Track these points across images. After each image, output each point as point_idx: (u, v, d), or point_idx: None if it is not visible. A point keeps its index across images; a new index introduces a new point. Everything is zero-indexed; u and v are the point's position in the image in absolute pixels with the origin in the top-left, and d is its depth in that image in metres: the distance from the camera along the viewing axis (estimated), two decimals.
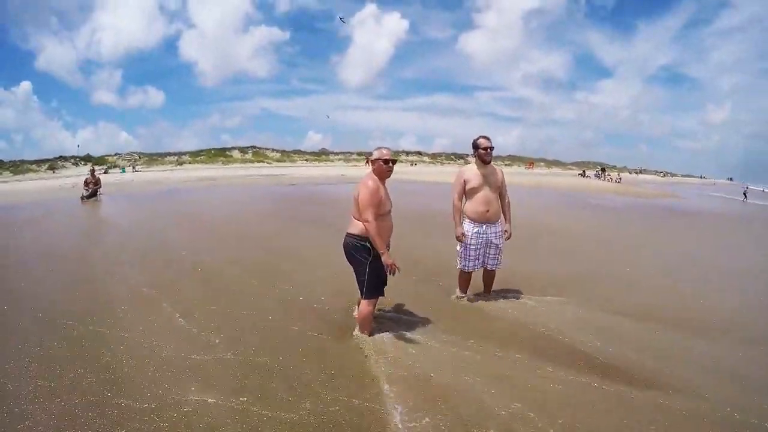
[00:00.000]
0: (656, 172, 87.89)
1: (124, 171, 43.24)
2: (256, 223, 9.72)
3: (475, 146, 4.31)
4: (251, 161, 60.99)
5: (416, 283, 5.00)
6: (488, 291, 4.69)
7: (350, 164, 58.26)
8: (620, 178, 43.72)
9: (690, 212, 16.97)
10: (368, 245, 3.39)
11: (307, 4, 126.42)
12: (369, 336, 3.56)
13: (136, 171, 43.96)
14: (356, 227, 3.43)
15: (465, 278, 4.53)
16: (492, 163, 4.38)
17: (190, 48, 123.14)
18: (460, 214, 4.39)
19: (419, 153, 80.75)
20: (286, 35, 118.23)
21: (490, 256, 4.44)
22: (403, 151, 78.76)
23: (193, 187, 21.66)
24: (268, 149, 69.25)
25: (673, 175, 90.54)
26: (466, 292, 4.59)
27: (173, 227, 9.19)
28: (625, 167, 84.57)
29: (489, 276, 4.62)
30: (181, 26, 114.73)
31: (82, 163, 50.26)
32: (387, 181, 3.59)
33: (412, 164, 61.17)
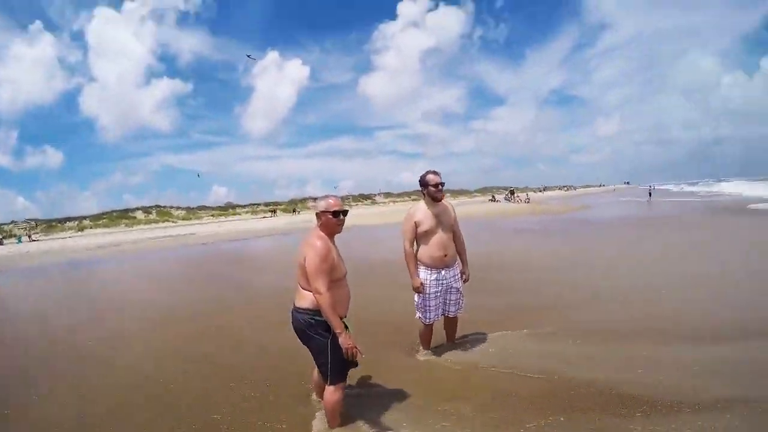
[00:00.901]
0: (558, 188, 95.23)
1: (20, 241, 38.78)
2: (174, 298, 8.23)
3: (424, 183, 3.92)
4: (156, 221, 57.65)
5: (377, 346, 4.42)
6: (452, 339, 4.37)
7: (258, 216, 56.75)
8: (528, 198, 46.18)
9: (608, 221, 18.28)
10: (324, 319, 2.81)
11: (209, 55, 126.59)
12: (340, 428, 2.97)
13: (33, 240, 39.88)
14: (306, 300, 2.84)
15: (427, 331, 4.15)
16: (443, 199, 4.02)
17: (90, 103, 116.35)
18: (414, 261, 3.98)
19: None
20: (189, 87, 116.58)
21: (451, 302, 4.10)
22: (310, 197, 79.28)
23: (97, 256, 19.41)
24: (172, 207, 66.29)
25: (574, 188, 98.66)
26: (430, 347, 4.23)
27: (78, 312, 7.52)
28: (527, 187, 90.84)
29: (451, 323, 4.29)
30: (82, 80, 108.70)
31: None
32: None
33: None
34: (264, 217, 52.34)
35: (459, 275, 4.10)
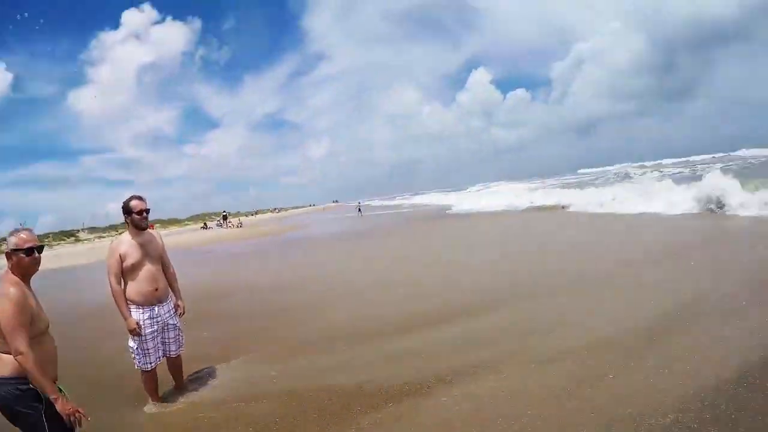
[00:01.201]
0: (270, 210, 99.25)
1: None
2: None
3: (127, 210, 3.56)
4: None
5: (98, 406, 3.40)
6: (180, 382, 3.95)
7: None
8: (241, 223, 46.17)
9: (322, 237, 19.90)
10: (33, 387, 2.26)
11: None
12: None
13: None
14: (6, 365, 2.26)
15: (151, 378, 3.66)
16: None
17: None
18: (124, 300, 3.53)
19: None
20: None
21: (171, 340, 3.76)
22: (1, 238, 60.80)
23: None
24: None
25: (285, 209, 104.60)
26: (158, 395, 3.72)
27: None
28: (238, 212, 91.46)
29: (175, 364, 3.89)
30: None
31: None
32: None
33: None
34: None
35: (174, 310, 3.81)
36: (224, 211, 51.14)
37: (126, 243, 3.57)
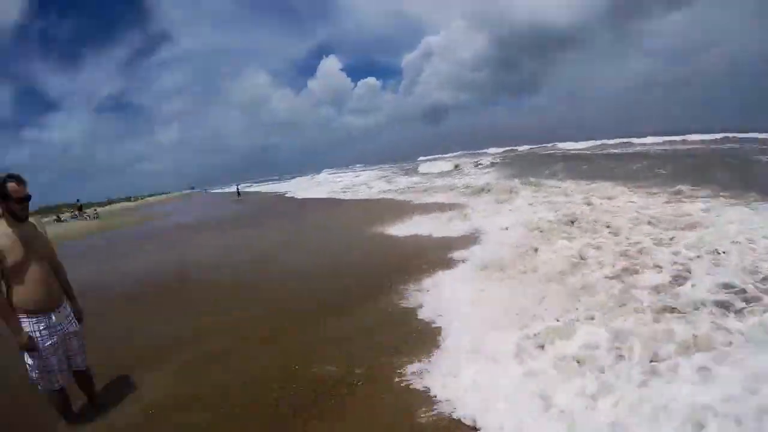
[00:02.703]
0: (126, 199, 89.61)
1: None
2: None
3: (4, 195, 2.86)
4: None
5: None
6: (95, 397, 3.52)
7: None
8: (97, 213, 41.55)
9: (207, 224, 18.28)
10: None
11: None
12: None
13: None
14: None
15: (61, 398, 3.21)
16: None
17: None
18: (10, 310, 2.92)
19: None
20: None
21: (75, 351, 3.25)
22: None
23: None
24: None
25: (142, 197, 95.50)
26: (71, 415, 3.31)
27: None
28: (89, 202, 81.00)
29: (85, 378, 3.42)
30: None
31: None
32: None
33: None
34: None
35: (72, 315, 3.28)
36: (78, 201, 44.69)
37: (4, 236, 2.89)
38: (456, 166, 29.11)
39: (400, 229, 9.46)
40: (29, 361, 3.05)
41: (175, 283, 7.42)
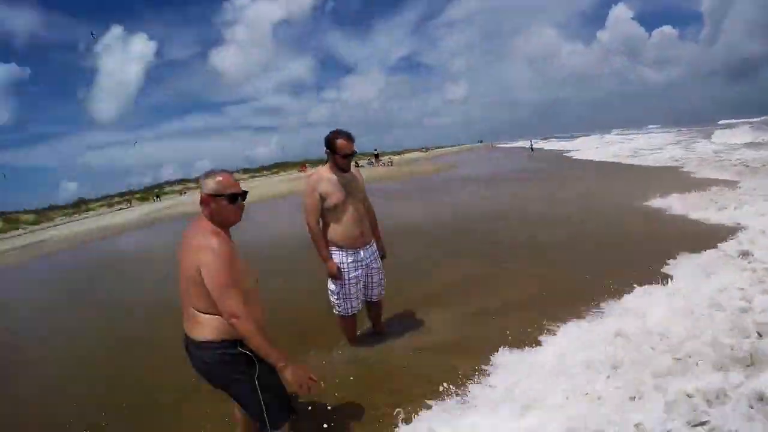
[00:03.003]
0: (419, 149, 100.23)
1: None
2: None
3: (333, 148, 3.17)
4: (2, 231, 48.44)
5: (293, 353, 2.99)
6: (381, 326, 3.78)
7: (114, 209, 50.68)
8: (391, 161, 46.72)
9: (489, 176, 18.79)
10: (244, 351, 2.01)
11: (44, 35, 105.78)
12: None
13: None
14: (208, 328, 2.03)
15: (350, 323, 3.52)
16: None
17: None
18: (324, 241, 3.30)
19: (183, 180, 77.61)
20: (26, 72, 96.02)
21: (374, 284, 3.52)
22: (166, 182, 76.90)
23: None
24: (19, 213, 56.14)
25: (432, 149, 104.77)
26: (356, 340, 3.63)
27: None
28: (383, 151, 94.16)
29: (375, 308, 3.68)
30: None
31: None
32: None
33: (181, 194, 56.97)
34: (120, 209, 46.44)
35: (377, 253, 3.55)
36: (375, 150, 51.51)
37: (326, 181, 3.24)
38: None
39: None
40: (332, 287, 3.38)
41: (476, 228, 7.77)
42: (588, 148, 35.31)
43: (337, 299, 3.40)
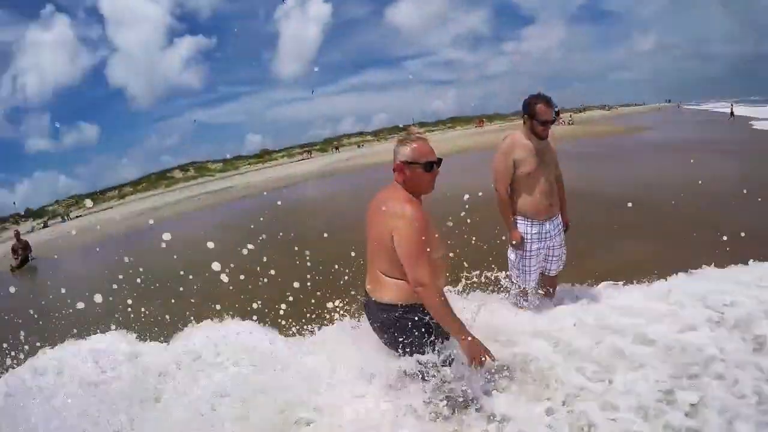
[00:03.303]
0: (598, 107, 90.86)
1: (65, 220, 37.69)
2: None
3: (531, 113, 3.05)
4: (194, 177, 59.06)
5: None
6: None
7: (294, 159, 56.97)
8: (572, 120, 43.81)
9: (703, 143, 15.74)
10: (425, 317, 2.04)
11: (228, 8, 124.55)
12: None
13: (71, 218, 37.65)
14: (391, 291, 2.09)
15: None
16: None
17: (117, 73, 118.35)
18: (511, 210, 3.21)
19: (361, 133, 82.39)
20: (212, 41, 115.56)
21: (554, 259, 3.36)
22: (345, 135, 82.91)
23: (137, 227, 16.37)
24: (208, 162, 67.69)
25: (616, 107, 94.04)
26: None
27: None
28: (563, 108, 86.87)
29: (551, 281, 3.49)
30: (105, 53, 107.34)
31: (23, 220, 47.39)
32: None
33: (358, 146, 61.03)
34: (301, 160, 52.20)
35: (561, 225, 3.36)
36: (556, 107, 48.77)
37: (522, 147, 3.11)
38: None
39: None
40: (512, 256, 3.32)
41: None
42: None
43: (516, 271, 3.33)
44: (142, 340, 3.99)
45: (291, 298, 3.12)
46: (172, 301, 4.14)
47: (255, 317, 3.73)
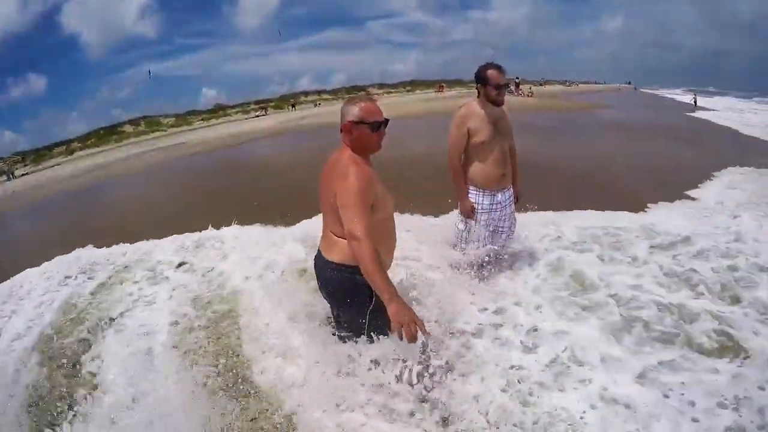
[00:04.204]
0: (559, 82, 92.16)
1: (10, 178, 33.01)
2: None
3: (482, 79, 3.13)
4: (145, 132, 55.82)
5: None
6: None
7: (249, 116, 54.57)
8: (532, 92, 43.76)
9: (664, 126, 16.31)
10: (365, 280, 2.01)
11: None
12: None
13: (15, 177, 33.77)
14: (340, 252, 2.13)
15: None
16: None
17: (71, 20, 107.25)
18: (463, 179, 3.25)
19: (319, 92, 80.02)
20: None
21: (503, 229, 3.43)
22: (303, 92, 79.06)
23: (85, 185, 16.06)
24: (160, 116, 64.34)
25: (577, 84, 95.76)
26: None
27: None
28: (523, 79, 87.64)
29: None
30: None
31: None
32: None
33: (315, 105, 59.40)
34: (256, 116, 50.27)
35: (512, 197, 3.44)
36: (516, 78, 48.65)
37: (477, 116, 3.20)
38: None
39: None
40: (461, 226, 3.38)
41: None
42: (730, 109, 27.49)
43: (461, 241, 3.41)
44: None
45: None
46: None
47: None
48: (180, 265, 4.54)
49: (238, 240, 4.96)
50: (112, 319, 3.58)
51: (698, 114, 21.50)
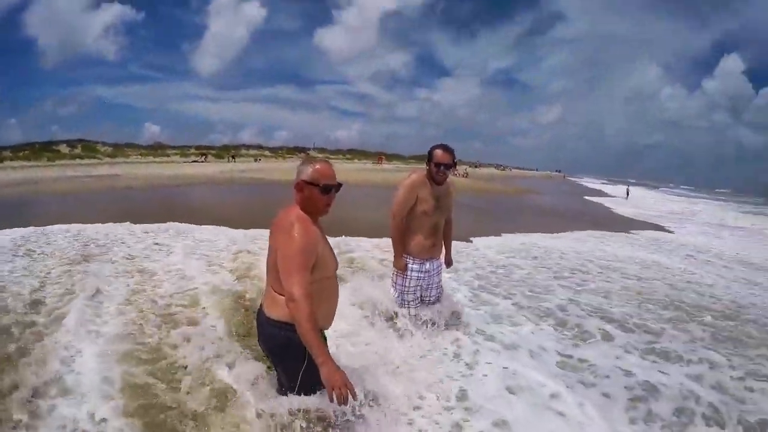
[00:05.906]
0: (494, 166, 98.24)
1: None
2: None
3: (429, 156, 3.39)
4: (80, 156, 52.86)
5: None
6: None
7: (188, 159, 53.17)
8: (467, 173, 45.71)
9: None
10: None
11: None
12: None
13: None
14: (281, 309, 2.11)
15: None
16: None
17: (33, 21, 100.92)
18: (403, 241, 3.49)
19: (260, 146, 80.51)
20: (140, 16, 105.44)
21: (431, 297, 3.75)
22: (243, 145, 79.89)
23: (15, 198, 14.43)
24: (98, 143, 61.77)
25: (509, 168, 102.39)
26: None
27: None
28: (459, 160, 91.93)
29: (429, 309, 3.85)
30: None
31: None
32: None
33: (256, 160, 59.29)
34: (195, 161, 49.32)
35: (441, 267, 3.78)
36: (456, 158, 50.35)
37: (425, 188, 3.41)
38: None
39: None
40: (395, 278, 3.63)
41: None
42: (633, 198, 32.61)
43: (397, 294, 3.65)
44: None
45: None
46: None
47: None
48: None
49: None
50: None
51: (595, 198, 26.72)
